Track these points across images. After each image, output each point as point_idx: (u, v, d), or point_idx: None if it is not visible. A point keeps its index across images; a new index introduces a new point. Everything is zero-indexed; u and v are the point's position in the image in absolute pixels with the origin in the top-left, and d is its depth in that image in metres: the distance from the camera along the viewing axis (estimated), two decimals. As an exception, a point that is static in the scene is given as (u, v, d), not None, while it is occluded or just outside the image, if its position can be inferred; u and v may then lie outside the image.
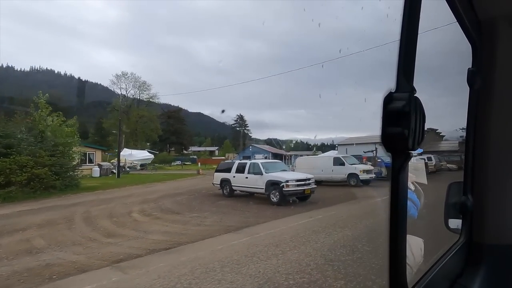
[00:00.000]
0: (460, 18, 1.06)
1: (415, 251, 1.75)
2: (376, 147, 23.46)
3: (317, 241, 6.69)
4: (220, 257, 5.85)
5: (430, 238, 2.00)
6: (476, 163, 1.25)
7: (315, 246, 6.42)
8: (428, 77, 1.53)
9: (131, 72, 77.01)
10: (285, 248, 6.27)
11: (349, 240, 6.70)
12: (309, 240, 6.76)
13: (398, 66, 0.62)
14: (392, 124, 0.59)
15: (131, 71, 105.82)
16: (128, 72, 66.37)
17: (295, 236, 7.14)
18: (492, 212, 1.24)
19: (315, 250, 6.18)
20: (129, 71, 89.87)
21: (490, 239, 1.23)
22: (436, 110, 2.47)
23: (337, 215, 9.73)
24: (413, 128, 0.60)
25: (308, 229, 7.81)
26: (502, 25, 1.16)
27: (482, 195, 1.24)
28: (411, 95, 0.61)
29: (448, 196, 1.44)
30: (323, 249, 6.16)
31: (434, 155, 26.37)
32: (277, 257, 5.72)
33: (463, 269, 1.25)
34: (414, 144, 0.60)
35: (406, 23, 0.63)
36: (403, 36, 0.63)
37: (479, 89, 1.20)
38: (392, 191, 0.63)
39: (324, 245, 6.43)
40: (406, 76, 0.62)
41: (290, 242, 6.71)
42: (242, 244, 6.76)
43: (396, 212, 0.64)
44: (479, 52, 1.20)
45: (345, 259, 5.51)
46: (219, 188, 15.30)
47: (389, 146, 0.61)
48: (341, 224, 8.36)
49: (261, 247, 6.42)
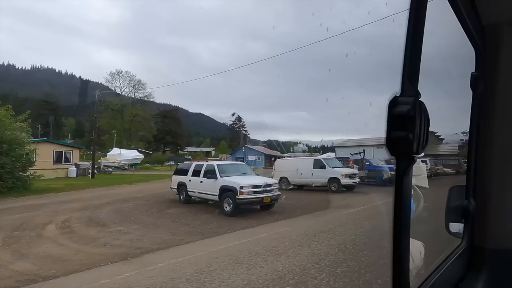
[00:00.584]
0: (464, 23, 1.07)
1: (414, 255, 1.70)
2: (364, 149, 21.24)
3: (221, 283, 4.59)
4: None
5: (430, 241, 1.92)
6: (479, 167, 1.25)
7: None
8: (431, 81, 1.32)
9: (125, 70, 75.80)
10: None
11: (272, 281, 4.59)
12: (212, 280, 4.66)
13: (403, 70, 0.62)
14: (397, 128, 0.60)
15: (126, 69, 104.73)
16: (122, 70, 64.74)
17: (201, 271, 5.07)
18: (495, 217, 1.23)
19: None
20: (124, 69, 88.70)
21: (492, 244, 1.22)
22: (439, 114, 1.67)
23: (286, 234, 7.65)
24: (418, 132, 0.60)
25: (230, 256, 5.76)
26: (506, 30, 1.18)
27: (485, 199, 1.23)
28: (416, 100, 0.61)
29: (449, 199, 1.41)
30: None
31: (429, 158, 24.06)
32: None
33: (465, 274, 1.24)
34: (419, 148, 0.61)
35: (411, 28, 0.63)
36: (408, 40, 0.63)
37: (482, 93, 1.21)
38: (396, 195, 0.63)
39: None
40: (411, 80, 0.63)
41: (182, 283, 4.62)
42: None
43: (400, 215, 0.64)
44: (482, 57, 1.21)
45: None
46: (176, 193, 13.24)
47: (394, 150, 0.61)
48: (281, 249, 6.25)
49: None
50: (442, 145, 34.81)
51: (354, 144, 52.26)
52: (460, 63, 1.64)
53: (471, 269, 1.25)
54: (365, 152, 20.78)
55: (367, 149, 51.52)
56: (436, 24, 1.04)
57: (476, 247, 1.26)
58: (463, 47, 1.21)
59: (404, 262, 0.67)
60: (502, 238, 1.21)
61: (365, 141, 50.85)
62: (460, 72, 1.60)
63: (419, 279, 1.15)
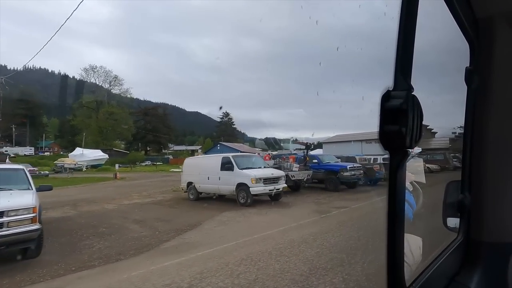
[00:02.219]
0: (458, 16, 1.05)
1: (414, 250, 1.65)
2: (307, 143, 15.84)
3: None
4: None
5: (428, 236, 1.84)
6: (474, 161, 1.25)
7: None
8: (425, 76, 1.34)
9: (100, 65, 71.41)
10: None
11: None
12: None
13: (395, 64, 0.62)
14: (390, 122, 0.59)
15: (101, 65, 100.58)
16: (97, 65, 60.35)
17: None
18: (490, 210, 1.24)
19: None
20: (98, 65, 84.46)
21: (488, 237, 1.23)
22: (433, 108, 2.13)
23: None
24: (411, 126, 0.59)
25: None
26: (500, 24, 1.16)
27: (480, 193, 1.24)
28: (409, 93, 0.60)
29: (447, 194, 1.42)
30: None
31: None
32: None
33: (461, 267, 1.25)
34: (412, 142, 0.60)
35: (403, 21, 0.63)
36: (401, 34, 0.63)
37: (477, 88, 1.20)
38: (390, 190, 0.62)
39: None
40: (404, 74, 0.62)
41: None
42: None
43: (394, 211, 0.64)
44: (476, 51, 1.20)
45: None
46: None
47: (387, 144, 0.60)
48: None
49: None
50: (432, 139, 29.27)
51: (342, 139, 47.43)
52: (454, 57, 1.63)
53: (466, 262, 1.26)
54: (310, 146, 15.32)
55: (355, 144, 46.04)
56: (429, 17, 1.01)
57: (472, 240, 1.27)
58: (457, 41, 1.20)
59: (399, 256, 0.67)
60: (497, 232, 1.23)
61: (353, 136, 45.83)
62: (454, 66, 1.57)
63: (415, 272, 1.14)
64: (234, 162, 11.70)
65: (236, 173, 11.46)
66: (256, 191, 10.87)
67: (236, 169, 11.49)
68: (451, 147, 24.30)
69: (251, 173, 11.11)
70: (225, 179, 11.83)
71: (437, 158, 21.77)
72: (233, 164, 11.69)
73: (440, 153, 22.70)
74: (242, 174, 11.29)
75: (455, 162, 22.08)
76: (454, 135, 25.16)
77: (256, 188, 10.87)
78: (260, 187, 10.96)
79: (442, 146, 26.77)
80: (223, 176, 11.90)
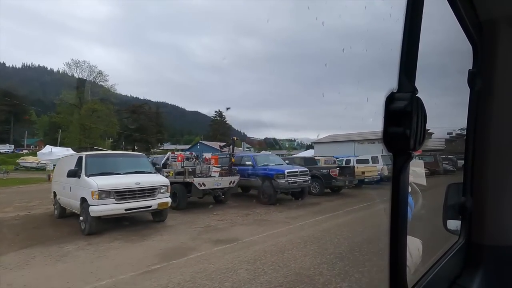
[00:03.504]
0: (462, 19, 1.06)
1: (413, 252, 1.66)
2: (234, 137, 11.62)
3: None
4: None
5: (428, 239, 1.86)
6: (476, 164, 1.23)
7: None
8: (428, 77, 1.28)
9: (83, 60, 68.82)
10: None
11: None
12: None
13: (400, 66, 0.61)
14: (394, 124, 0.58)
15: (84, 59, 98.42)
16: (79, 60, 57.14)
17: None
18: (492, 213, 1.21)
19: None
20: (81, 59, 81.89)
21: (489, 240, 1.21)
22: (436, 110, 1.88)
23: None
24: (415, 128, 0.58)
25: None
26: (503, 27, 1.15)
27: (482, 196, 1.22)
28: (413, 95, 0.59)
29: (447, 197, 1.39)
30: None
31: (382, 155, 15.47)
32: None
33: (462, 270, 1.23)
34: (416, 144, 0.59)
35: (408, 23, 0.62)
36: (405, 36, 0.62)
37: (480, 90, 1.19)
38: (393, 192, 0.61)
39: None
40: (408, 76, 0.61)
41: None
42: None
43: (397, 213, 0.63)
44: (479, 53, 1.19)
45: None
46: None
47: (391, 146, 0.59)
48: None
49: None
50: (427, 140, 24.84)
51: (334, 140, 44.56)
52: (458, 59, 1.61)
53: (468, 265, 1.24)
54: (234, 142, 11.08)
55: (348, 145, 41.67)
56: (434, 19, 0.99)
57: (473, 243, 1.25)
58: (461, 43, 1.20)
59: (401, 258, 0.66)
60: (499, 235, 1.20)
61: (345, 137, 42.85)
62: (457, 68, 1.58)
63: (417, 275, 1.12)
64: (83, 165, 7.63)
65: (81, 182, 7.40)
66: (98, 212, 6.77)
67: (83, 176, 7.43)
68: (445, 149, 20.80)
69: (97, 182, 6.99)
70: (73, 191, 7.78)
71: (426, 160, 17.60)
72: (81, 167, 7.61)
73: (429, 155, 18.52)
74: (85, 184, 7.22)
75: (447, 165, 18.60)
76: (449, 135, 21.58)
77: (100, 208, 6.77)
78: (107, 205, 6.84)
79: (437, 147, 22.94)
80: (72, 186, 7.86)
